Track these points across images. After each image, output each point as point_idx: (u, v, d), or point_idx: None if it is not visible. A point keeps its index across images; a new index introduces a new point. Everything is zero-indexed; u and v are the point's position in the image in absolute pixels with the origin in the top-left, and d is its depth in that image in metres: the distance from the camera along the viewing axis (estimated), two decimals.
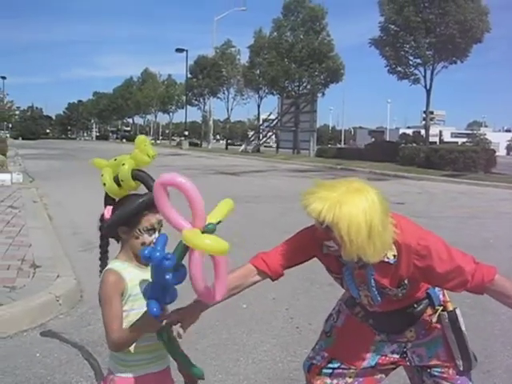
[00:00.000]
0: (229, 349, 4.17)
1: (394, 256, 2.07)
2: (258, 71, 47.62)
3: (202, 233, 1.69)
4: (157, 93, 78.99)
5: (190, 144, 60.67)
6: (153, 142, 79.94)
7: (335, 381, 2.37)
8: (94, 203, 10.53)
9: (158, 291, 1.72)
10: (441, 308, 2.30)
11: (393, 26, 32.06)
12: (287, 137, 46.73)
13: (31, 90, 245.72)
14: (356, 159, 31.71)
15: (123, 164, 2.02)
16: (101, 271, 2.08)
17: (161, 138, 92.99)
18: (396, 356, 2.34)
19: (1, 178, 14.52)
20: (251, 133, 63.86)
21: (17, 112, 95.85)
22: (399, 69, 32.87)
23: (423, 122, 40.26)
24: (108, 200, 2.10)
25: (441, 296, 2.33)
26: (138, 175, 2.03)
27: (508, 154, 47.25)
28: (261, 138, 53.14)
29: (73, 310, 4.92)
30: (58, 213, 10.44)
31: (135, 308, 1.97)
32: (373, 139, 66.54)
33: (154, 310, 1.71)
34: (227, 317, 4.79)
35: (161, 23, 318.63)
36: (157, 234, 2.02)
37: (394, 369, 2.43)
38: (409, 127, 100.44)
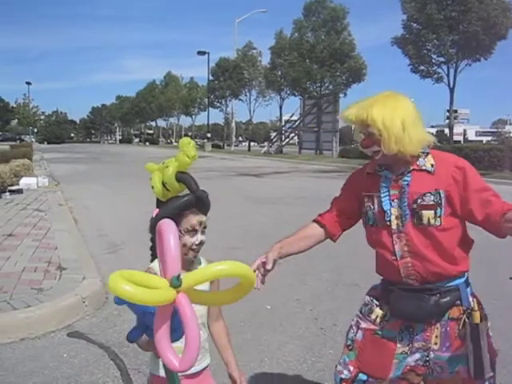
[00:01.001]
0: (253, 349, 4.17)
1: (432, 165, 2.25)
2: (279, 72, 47.68)
3: (170, 285, 1.55)
4: (179, 96, 79.45)
5: (213, 146, 60.89)
6: (176, 144, 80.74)
7: None
8: (119, 206, 10.65)
9: (140, 323, 1.71)
10: (466, 313, 2.23)
11: (415, 25, 31.83)
12: (310, 138, 46.64)
13: (56, 95, 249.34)
14: None
15: (167, 167, 2.05)
16: None
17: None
18: (419, 364, 2.30)
19: (27, 182, 14.74)
20: (273, 134, 63.78)
21: (42, 117, 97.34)
22: (422, 67, 32.61)
23: (447, 121, 39.76)
24: (159, 202, 2.13)
25: (470, 299, 2.27)
26: (181, 177, 2.05)
27: None
28: (283, 139, 53.09)
29: (98, 312, 4.98)
30: (83, 216, 10.58)
31: None
32: None
33: (130, 334, 1.71)
34: (251, 318, 4.80)
35: (183, 26, 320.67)
36: (199, 236, 2.03)
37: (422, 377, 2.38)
38: (432, 126, 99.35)
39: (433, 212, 2.19)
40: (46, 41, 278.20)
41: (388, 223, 2.27)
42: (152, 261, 2.15)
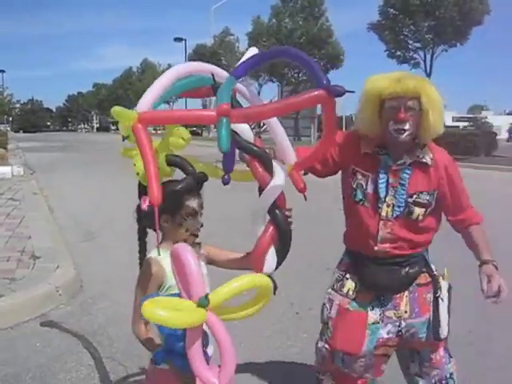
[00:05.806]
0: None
1: (431, 158, 2.29)
2: None
3: (197, 306, 1.61)
4: None
5: (191, 133, 60.51)
6: (154, 131, 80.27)
7: (346, 370, 2.44)
8: (95, 194, 10.52)
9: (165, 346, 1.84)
10: (441, 276, 2.39)
11: (392, 10, 31.89)
12: (288, 124, 46.51)
13: (31, 82, 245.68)
14: None
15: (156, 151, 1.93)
16: (140, 263, 2.04)
17: (161, 127, 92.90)
18: (392, 336, 2.37)
19: (1, 171, 14.53)
20: None
21: (17, 105, 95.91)
22: (398, 53, 32.75)
23: None
24: (142, 189, 2.03)
25: (432, 266, 2.42)
26: (174, 161, 2.00)
27: (509, 138, 46.37)
28: (261, 125, 52.98)
29: (73, 300, 4.94)
30: (58, 204, 10.45)
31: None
32: None
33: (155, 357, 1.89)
34: (227, 304, 4.78)
35: (159, 13, 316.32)
36: (199, 219, 2.00)
37: (395, 348, 2.47)
38: None
39: (424, 210, 2.28)
40: (21, 28, 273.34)
41: (379, 209, 2.31)
42: (140, 251, 2.09)
